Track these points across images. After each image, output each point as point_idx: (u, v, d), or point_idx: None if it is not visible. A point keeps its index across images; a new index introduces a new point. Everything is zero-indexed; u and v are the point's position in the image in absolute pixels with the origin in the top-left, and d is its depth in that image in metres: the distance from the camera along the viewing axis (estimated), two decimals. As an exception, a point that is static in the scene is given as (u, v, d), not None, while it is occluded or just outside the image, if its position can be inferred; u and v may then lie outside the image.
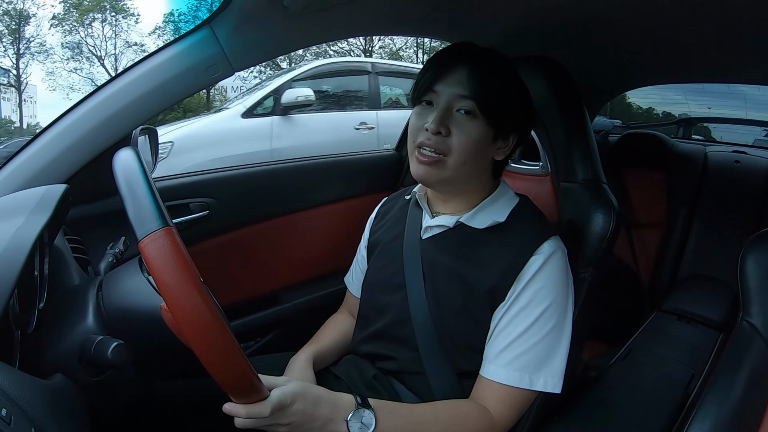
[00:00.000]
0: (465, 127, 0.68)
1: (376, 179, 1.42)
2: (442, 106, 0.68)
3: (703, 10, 0.89)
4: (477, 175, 0.74)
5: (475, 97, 0.67)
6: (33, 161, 0.78)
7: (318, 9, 0.84)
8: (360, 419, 0.60)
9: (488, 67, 0.69)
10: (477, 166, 0.72)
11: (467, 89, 0.67)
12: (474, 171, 0.72)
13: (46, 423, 0.42)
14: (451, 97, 0.69)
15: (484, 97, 0.67)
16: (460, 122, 0.68)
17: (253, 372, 0.50)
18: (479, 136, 0.69)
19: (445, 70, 0.69)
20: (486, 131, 0.69)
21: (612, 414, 0.87)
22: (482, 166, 0.73)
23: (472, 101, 0.67)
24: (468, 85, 0.67)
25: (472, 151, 0.69)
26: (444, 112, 0.68)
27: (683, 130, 2.63)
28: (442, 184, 0.72)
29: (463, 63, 0.69)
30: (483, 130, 0.69)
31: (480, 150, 0.70)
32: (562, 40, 1.12)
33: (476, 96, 0.67)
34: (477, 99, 0.67)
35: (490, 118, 0.68)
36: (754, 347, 0.71)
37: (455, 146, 0.68)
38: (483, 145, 0.70)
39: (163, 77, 0.81)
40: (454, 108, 0.69)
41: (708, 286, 1.44)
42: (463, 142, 0.68)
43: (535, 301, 0.68)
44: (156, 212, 0.46)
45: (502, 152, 0.73)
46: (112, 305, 0.59)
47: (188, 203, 1.10)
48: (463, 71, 0.68)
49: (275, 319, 1.23)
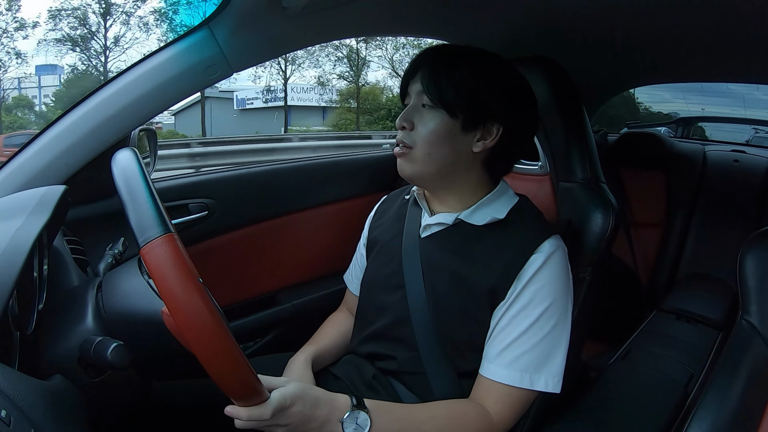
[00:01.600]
0: (425, 119, 0.72)
1: (375, 180, 1.42)
2: (410, 104, 0.74)
3: (703, 9, 0.89)
4: (460, 169, 0.73)
5: (429, 91, 0.71)
6: (32, 162, 0.77)
7: (317, 10, 0.84)
8: (355, 420, 0.60)
9: (447, 62, 0.72)
10: (451, 159, 0.72)
11: (424, 84, 0.71)
12: (450, 164, 0.72)
13: (45, 424, 0.42)
14: (417, 95, 0.73)
15: (439, 89, 0.70)
16: (422, 115, 0.72)
17: (255, 375, 0.50)
18: (439, 127, 0.71)
19: (414, 72, 0.74)
20: (448, 122, 0.70)
21: (611, 414, 0.87)
22: (461, 160, 0.72)
23: (426, 94, 0.71)
24: (425, 81, 0.72)
25: (434, 142, 0.71)
26: (410, 108, 0.73)
27: (681, 130, 2.64)
28: (420, 178, 0.75)
29: (425, 62, 0.73)
30: (444, 121, 0.71)
31: (444, 140, 0.71)
32: (560, 40, 1.12)
33: (430, 89, 0.71)
34: (431, 92, 0.71)
35: (450, 110, 0.70)
36: (754, 346, 0.71)
37: (417, 138, 0.72)
38: (447, 135, 0.71)
39: (162, 78, 0.81)
40: (420, 104, 0.72)
41: (707, 286, 1.44)
42: (423, 134, 0.71)
43: (536, 300, 0.68)
44: (157, 218, 0.46)
45: (483, 144, 0.72)
46: (111, 306, 0.59)
47: (188, 204, 1.10)
48: (425, 69, 0.72)
49: (274, 319, 1.23)
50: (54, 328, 0.58)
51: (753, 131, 2.62)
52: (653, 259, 1.67)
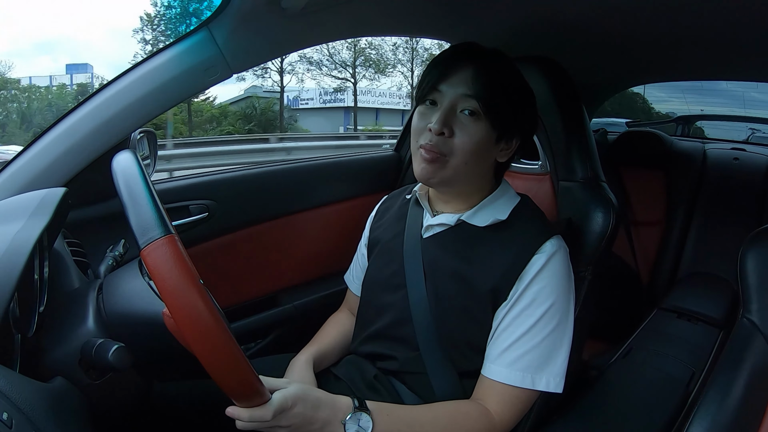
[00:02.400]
0: (468, 128, 0.67)
1: (376, 180, 1.42)
2: (446, 106, 0.68)
3: (702, 8, 0.89)
4: (479, 176, 0.74)
5: (479, 97, 0.66)
6: (32, 164, 0.77)
7: (316, 10, 0.84)
8: (357, 422, 0.60)
9: (494, 68, 0.68)
10: (479, 168, 0.72)
11: (472, 89, 0.66)
12: (476, 172, 0.72)
13: (47, 426, 0.42)
14: (455, 97, 0.68)
15: (489, 98, 0.66)
16: (463, 123, 0.68)
17: (256, 377, 0.50)
18: (482, 138, 0.68)
19: (450, 70, 0.68)
20: (489, 133, 0.68)
21: (613, 413, 0.87)
22: (484, 168, 0.73)
23: (476, 101, 0.66)
24: (473, 85, 0.66)
25: (474, 152, 0.68)
26: (448, 112, 0.67)
27: (681, 128, 2.64)
28: (444, 184, 0.72)
29: (468, 63, 0.68)
30: (486, 132, 0.68)
31: (482, 152, 0.69)
32: (560, 40, 1.12)
33: (481, 96, 0.66)
34: (482, 99, 0.66)
35: (494, 120, 0.67)
36: (755, 344, 0.71)
37: (457, 147, 0.67)
38: (485, 146, 0.69)
39: (162, 80, 0.81)
40: (458, 108, 0.68)
41: (708, 284, 1.44)
42: (466, 143, 0.67)
43: (538, 300, 0.68)
44: (158, 219, 0.46)
45: (505, 154, 0.73)
46: (112, 308, 0.59)
47: (188, 205, 1.10)
48: (468, 71, 0.67)
49: (275, 320, 1.23)
50: (55, 330, 0.58)
51: (749, 131, 2.63)
52: (654, 257, 1.67)
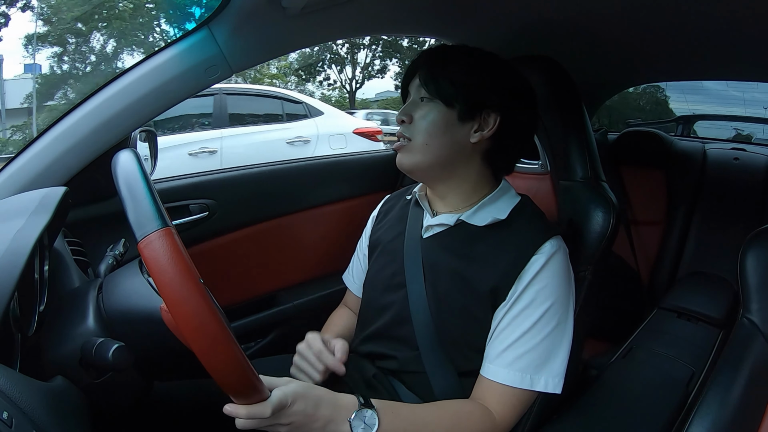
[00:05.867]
0: (422, 111, 0.74)
1: (376, 180, 1.42)
2: (409, 100, 0.77)
3: (702, 7, 0.89)
4: (458, 161, 0.74)
5: (426, 83, 0.74)
6: (32, 164, 0.78)
7: (317, 9, 0.84)
8: (363, 419, 0.60)
9: (443, 58, 0.75)
10: (449, 149, 0.73)
11: (422, 79, 0.75)
12: (448, 155, 0.73)
13: (47, 425, 0.42)
14: (416, 89, 0.76)
15: (436, 81, 0.73)
16: (420, 107, 0.75)
17: (254, 372, 0.50)
18: (436, 117, 0.73)
19: (413, 72, 0.77)
20: (445, 112, 0.73)
21: (613, 413, 0.87)
22: (459, 151, 0.73)
23: (424, 86, 0.74)
24: (423, 76, 0.75)
25: (432, 132, 0.73)
26: (410, 103, 0.76)
27: (682, 128, 2.64)
28: (418, 169, 0.75)
29: (423, 61, 0.77)
30: (441, 111, 0.73)
31: (442, 131, 0.73)
32: (560, 40, 1.12)
33: (428, 82, 0.74)
34: (428, 85, 0.74)
35: (446, 100, 0.73)
36: (755, 344, 0.71)
37: (416, 129, 0.74)
38: (445, 125, 0.73)
39: (162, 79, 0.82)
40: (418, 98, 0.75)
41: (708, 284, 1.44)
42: (421, 124, 0.73)
43: (537, 301, 0.68)
44: (155, 213, 0.46)
45: (480, 135, 0.73)
46: (112, 307, 0.59)
47: (188, 205, 1.10)
48: (423, 66, 0.76)
49: (276, 319, 1.23)
50: (55, 329, 0.58)
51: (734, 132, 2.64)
52: (654, 257, 1.67)
